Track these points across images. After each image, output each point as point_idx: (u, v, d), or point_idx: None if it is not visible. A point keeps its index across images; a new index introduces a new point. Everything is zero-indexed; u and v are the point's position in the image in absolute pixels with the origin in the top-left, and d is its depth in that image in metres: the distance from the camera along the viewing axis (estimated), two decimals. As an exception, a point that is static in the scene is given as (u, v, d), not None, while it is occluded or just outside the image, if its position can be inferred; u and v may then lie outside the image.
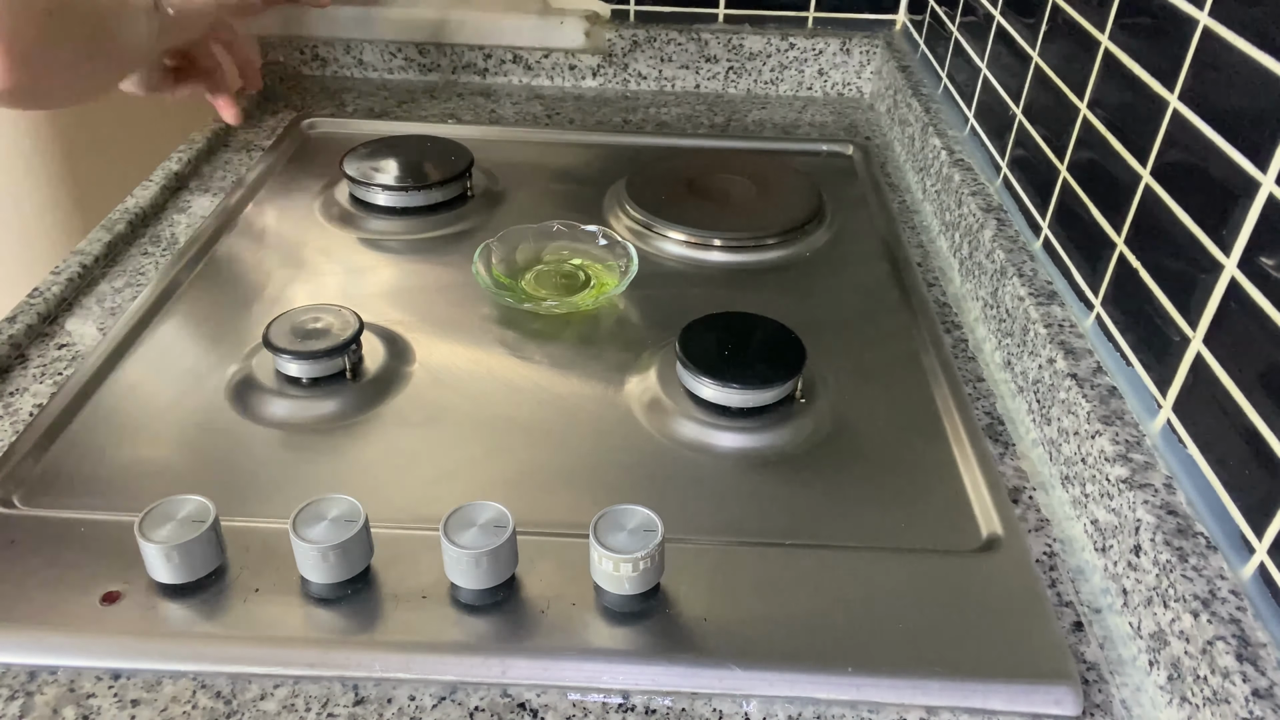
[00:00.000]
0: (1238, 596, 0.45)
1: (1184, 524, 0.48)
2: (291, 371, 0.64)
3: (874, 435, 0.63)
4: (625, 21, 1.14)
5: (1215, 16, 0.50)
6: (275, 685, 0.47)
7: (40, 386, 0.64)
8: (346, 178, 0.87)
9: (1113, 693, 0.48)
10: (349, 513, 0.50)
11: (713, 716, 0.46)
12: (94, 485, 0.57)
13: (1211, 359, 0.49)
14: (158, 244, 0.81)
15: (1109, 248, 0.60)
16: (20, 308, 0.69)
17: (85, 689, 0.46)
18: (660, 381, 0.65)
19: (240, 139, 1.00)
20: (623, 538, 0.48)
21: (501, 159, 0.96)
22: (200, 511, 0.50)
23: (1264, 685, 0.41)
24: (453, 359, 0.68)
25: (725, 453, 0.61)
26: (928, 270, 0.81)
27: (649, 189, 0.88)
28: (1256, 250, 0.46)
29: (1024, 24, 0.76)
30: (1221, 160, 0.49)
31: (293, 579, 0.50)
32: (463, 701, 0.46)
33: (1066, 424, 0.58)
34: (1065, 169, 0.67)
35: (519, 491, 0.57)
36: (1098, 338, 0.61)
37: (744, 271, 0.80)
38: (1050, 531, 0.56)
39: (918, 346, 0.71)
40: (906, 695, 0.47)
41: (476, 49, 1.14)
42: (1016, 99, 0.77)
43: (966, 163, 0.83)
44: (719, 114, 1.10)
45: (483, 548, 0.48)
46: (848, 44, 1.12)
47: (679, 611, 0.50)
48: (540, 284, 0.76)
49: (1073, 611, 0.52)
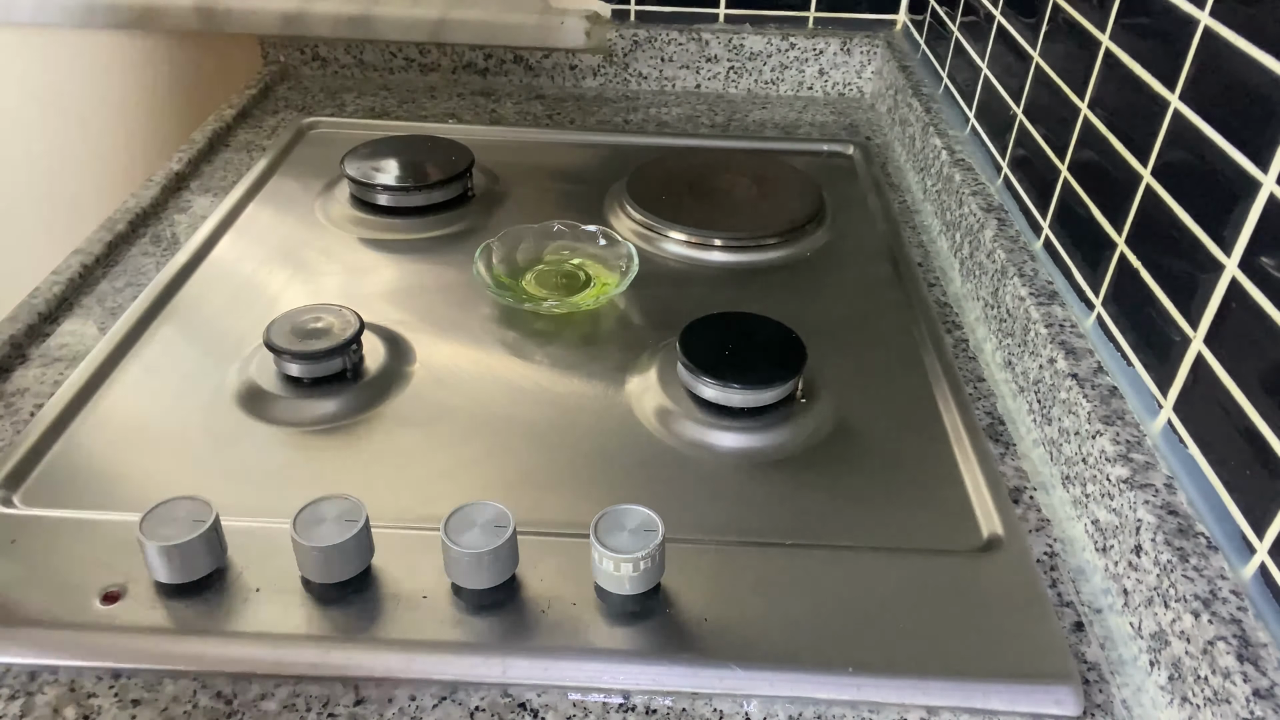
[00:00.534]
0: (1238, 596, 0.45)
1: (1185, 524, 0.48)
2: (292, 372, 0.64)
3: (874, 435, 0.63)
4: (626, 21, 1.14)
5: (1215, 16, 0.50)
6: (276, 685, 0.47)
7: (40, 386, 0.64)
8: (347, 178, 0.87)
9: (1113, 693, 0.48)
10: (349, 513, 0.50)
11: (713, 716, 0.46)
12: (94, 485, 0.57)
13: (1212, 359, 0.49)
14: (158, 244, 0.81)
15: (1110, 248, 0.60)
16: (20, 308, 0.69)
17: (86, 689, 0.46)
18: (661, 381, 0.65)
19: (240, 139, 1.00)
20: (623, 538, 0.48)
21: (502, 159, 0.96)
22: (201, 511, 0.50)
23: (1265, 685, 0.41)
24: (453, 359, 0.68)
25: (726, 453, 0.61)
26: (928, 270, 0.81)
27: (649, 189, 0.88)
28: (1257, 250, 0.46)
29: (1025, 24, 0.76)
30: (1222, 160, 0.49)
31: (293, 579, 0.50)
32: (463, 701, 0.46)
33: (1067, 424, 0.58)
34: (1066, 169, 0.67)
35: (519, 491, 0.57)
36: (1098, 338, 0.61)
37: (744, 271, 0.80)
38: (1051, 531, 0.56)
39: (918, 346, 0.71)
40: (907, 695, 0.47)
41: (476, 49, 1.14)
42: (1017, 99, 0.77)
43: (967, 163, 0.83)
44: (719, 114, 1.09)
45: (483, 548, 0.48)
46: (848, 44, 1.12)
47: (679, 611, 0.49)
48: (541, 284, 0.76)
49: (1073, 611, 0.52)
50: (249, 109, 1.05)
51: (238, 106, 1.03)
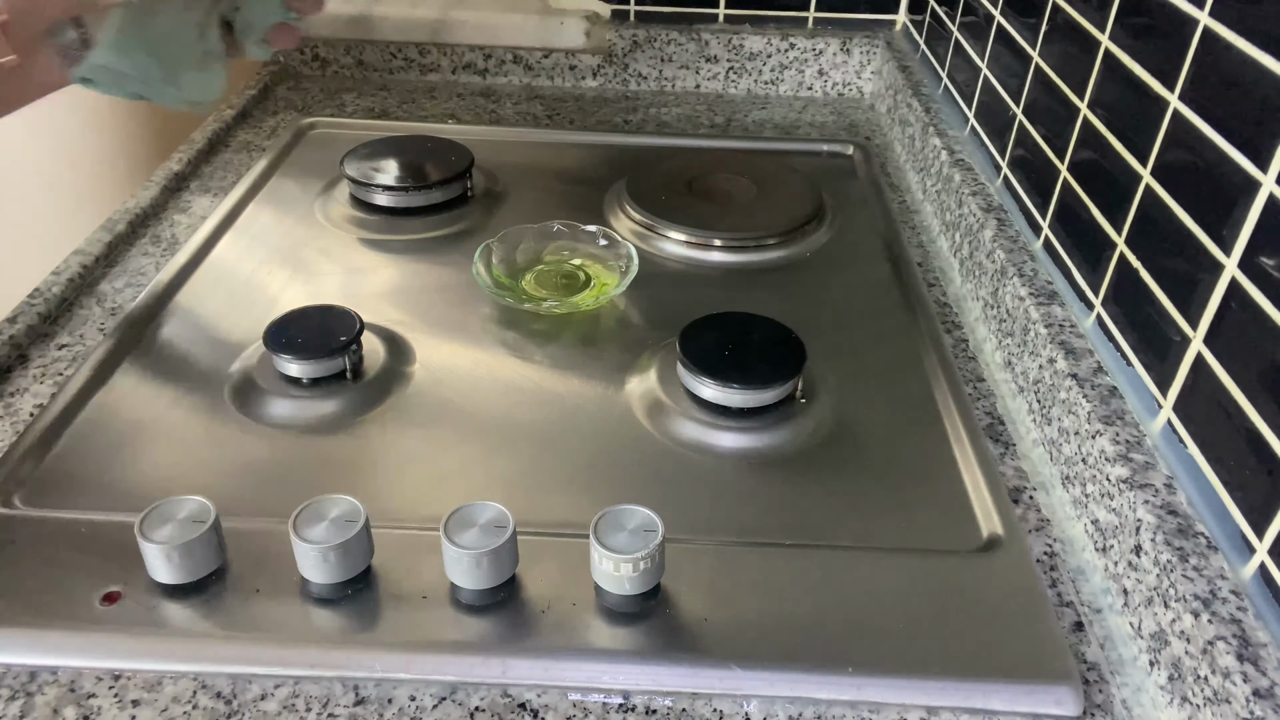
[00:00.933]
0: (1238, 596, 0.45)
1: (1184, 524, 0.48)
2: (292, 371, 0.64)
3: (874, 435, 0.63)
4: (625, 21, 1.14)
5: (1215, 16, 0.50)
6: (276, 685, 0.47)
7: (40, 386, 0.64)
8: (346, 178, 0.87)
9: (1113, 693, 0.48)
10: (349, 513, 0.50)
11: (713, 716, 0.46)
12: (94, 485, 0.57)
13: (1212, 359, 0.49)
14: (158, 244, 0.81)
15: (1109, 248, 0.60)
16: (20, 308, 0.69)
17: (86, 689, 0.46)
18: (661, 381, 0.65)
19: (240, 139, 1.00)
20: (623, 538, 0.48)
21: (501, 159, 0.96)
22: (200, 511, 0.50)
23: (1265, 685, 0.41)
24: (453, 359, 0.68)
25: (726, 453, 0.61)
26: (928, 270, 0.81)
27: (649, 189, 0.88)
28: (1257, 250, 0.46)
29: (1024, 24, 0.76)
30: (1222, 160, 0.49)
31: (293, 579, 0.50)
32: (463, 701, 0.46)
33: (1067, 424, 0.58)
34: (1066, 169, 0.67)
35: (519, 491, 0.57)
36: (1098, 338, 0.61)
37: (744, 271, 0.80)
38: (1051, 531, 0.56)
39: (918, 346, 0.71)
40: (907, 695, 0.47)
41: (476, 49, 1.14)
42: (1017, 99, 0.77)
43: (967, 163, 0.83)
44: (719, 114, 1.10)
45: (483, 548, 0.48)
46: (848, 44, 1.12)
47: (679, 611, 0.49)
48: (540, 284, 0.76)
49: (1073, 611, 0.52)
50: (249, 109, 1.05)
51: (237, 106, 1.03)
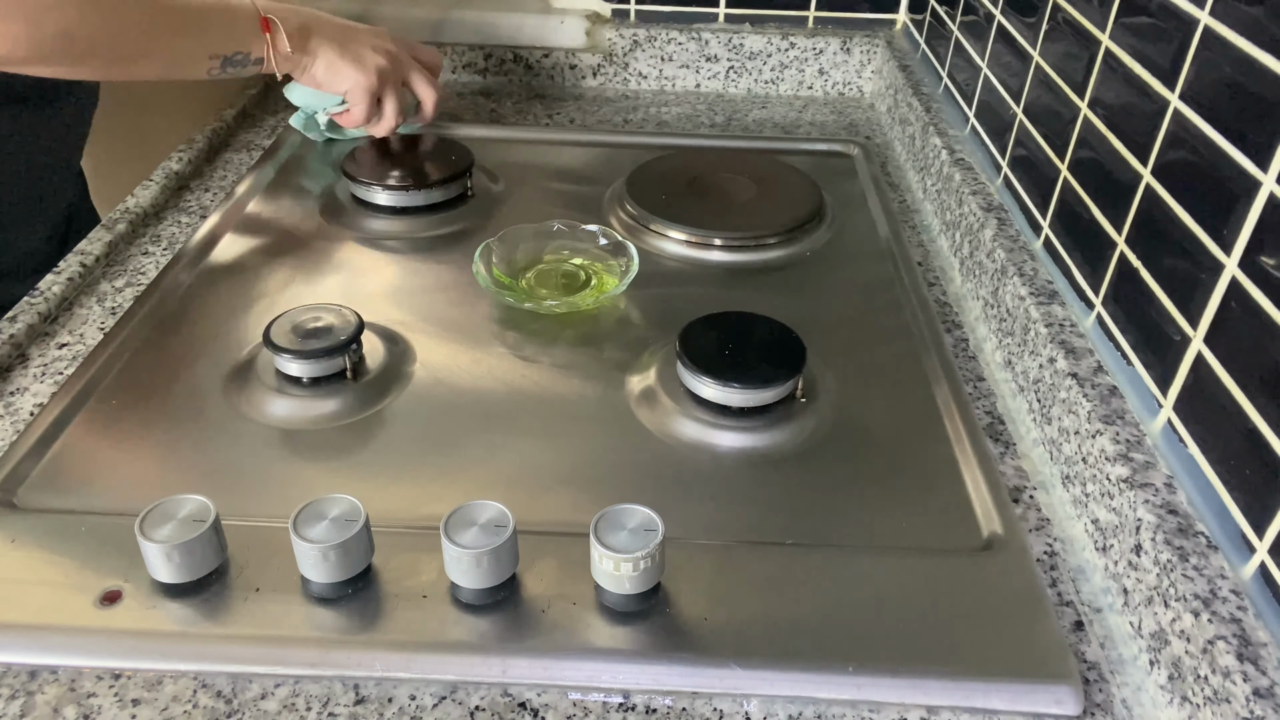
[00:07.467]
0: (1238, 596, 0.45)
1: (1184, 523, 0.48)
2: (292, 371, 0.64)
3: (874, 435, 0.63)
4: (626, 21, 1.14)
5: (1215, 16, 0.50)
6: (276, 684, 0.47)
7: (40, 386, 0.64)
8: (347, 177, 0.87)
9: (1113, 692, 0.48)
10: (349, 512, 0.50)
11: (713, 716, 0.46)
12: (94, 485, 0.57)
13: (1212, 358, 0.49)
14: (158, 244, 0.81)
15: (1110, 247, 0.60)
16: (20, 308, 0.69)
17: (86, 688, 0.46)
18: (661, 381, 0.65)
19: (240, 139, 1.00)
20: (623, 537, 0.48)
21: (501, 159, 0.96)
22: (201, 511, 0.50)
23: (1264, 685, 0.41)
24: (453, 359, 0.68)
25: (726, 452, 0.61)
26: (928, 270, 0.81)
27: (649, 189, 0.88)
28: (1257, 250, 0.46)
29: (1024, 23, 0.76)
30: (1222, 160, 0.49)
31: (293, 578, 0.50)
32: (463, 701, 0.46)
33: (1067, 423, 0.58)
34: (1066, 168, 0.67)
35: (519, 491, 0.57)
36: (1098, 337, 0.61)
37: (744, 271, 0.80)
38: (1051, 531, 0.56)
39: (918, 346, 0.71)
40: (907, 695, 0.47)
41: (476, 49, 1.14)
42: (1017, 98, 0.77)
43: (967, 162, 0.83)
44: (719, 113, 1.09)
45: (483, 547, 0.48)
46: (848, 43, 1.12)
47: (679, 611, 0.49)
48: (541, 283, 0.76)
49: (1073, 611, 0.52)
50: (249, 109, 1.05)
51: (238, 106, 1.03)
